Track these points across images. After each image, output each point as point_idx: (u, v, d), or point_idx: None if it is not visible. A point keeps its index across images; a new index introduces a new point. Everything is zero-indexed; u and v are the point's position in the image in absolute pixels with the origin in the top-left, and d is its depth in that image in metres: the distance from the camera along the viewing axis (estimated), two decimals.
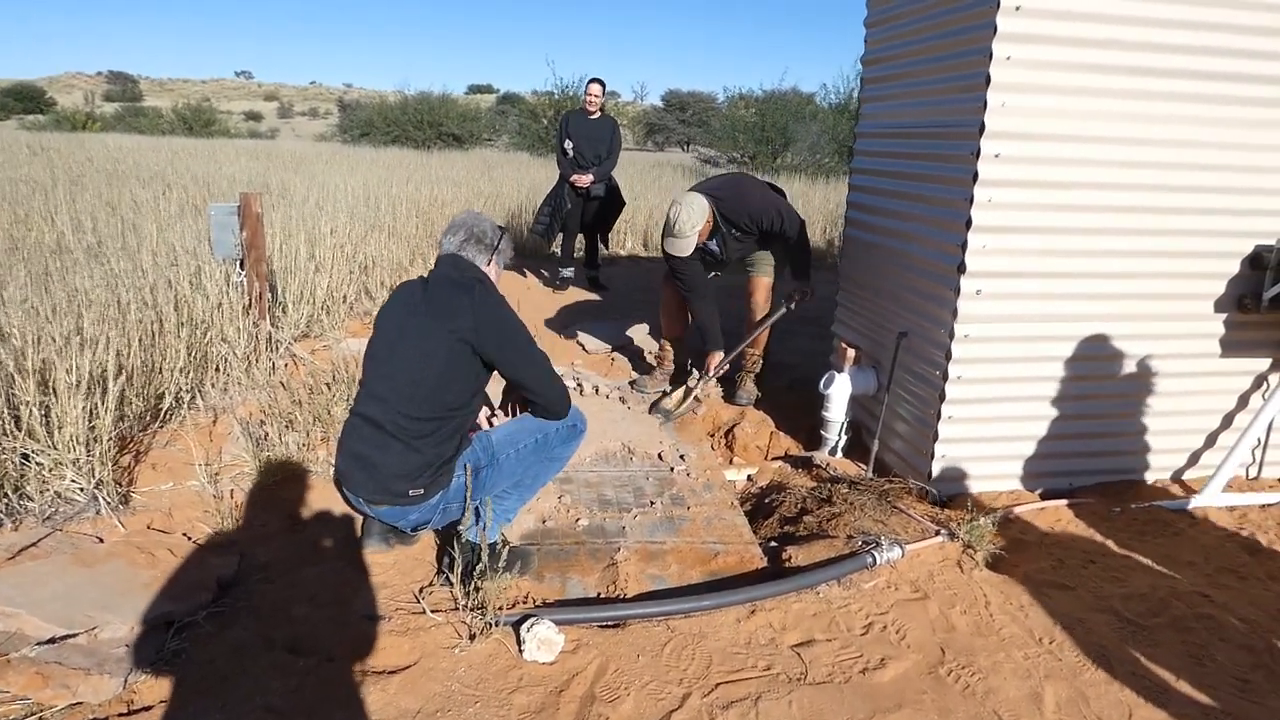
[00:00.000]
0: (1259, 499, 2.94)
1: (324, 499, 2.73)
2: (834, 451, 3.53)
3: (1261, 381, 3.09)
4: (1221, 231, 2.84)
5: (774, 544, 2.70)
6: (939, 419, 2.91)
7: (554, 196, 6.27)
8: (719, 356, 3.92)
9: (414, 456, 2.10)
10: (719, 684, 1.94)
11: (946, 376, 2.86)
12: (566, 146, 6.09)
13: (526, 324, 2.27)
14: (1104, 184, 2.71)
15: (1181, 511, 2.86)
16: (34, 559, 2.19)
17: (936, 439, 2.94)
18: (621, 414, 3.81)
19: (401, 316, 2.18)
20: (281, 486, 2.79)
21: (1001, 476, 3.05)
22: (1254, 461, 3.19)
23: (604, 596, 2.37)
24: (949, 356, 2.83)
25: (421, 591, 2.25)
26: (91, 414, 2.66)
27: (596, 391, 4.06)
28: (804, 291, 3.77)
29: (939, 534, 2.61)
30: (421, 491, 2.13)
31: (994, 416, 2.94)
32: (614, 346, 4.85)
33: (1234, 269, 2.90)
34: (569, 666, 1.97)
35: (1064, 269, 2.79)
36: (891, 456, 3.33)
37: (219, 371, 3.52)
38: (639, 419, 3.76)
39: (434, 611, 2.14)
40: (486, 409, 2.51)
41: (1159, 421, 3.06)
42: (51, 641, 1.86)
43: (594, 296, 6.26)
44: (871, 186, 3.52)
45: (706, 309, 3.91)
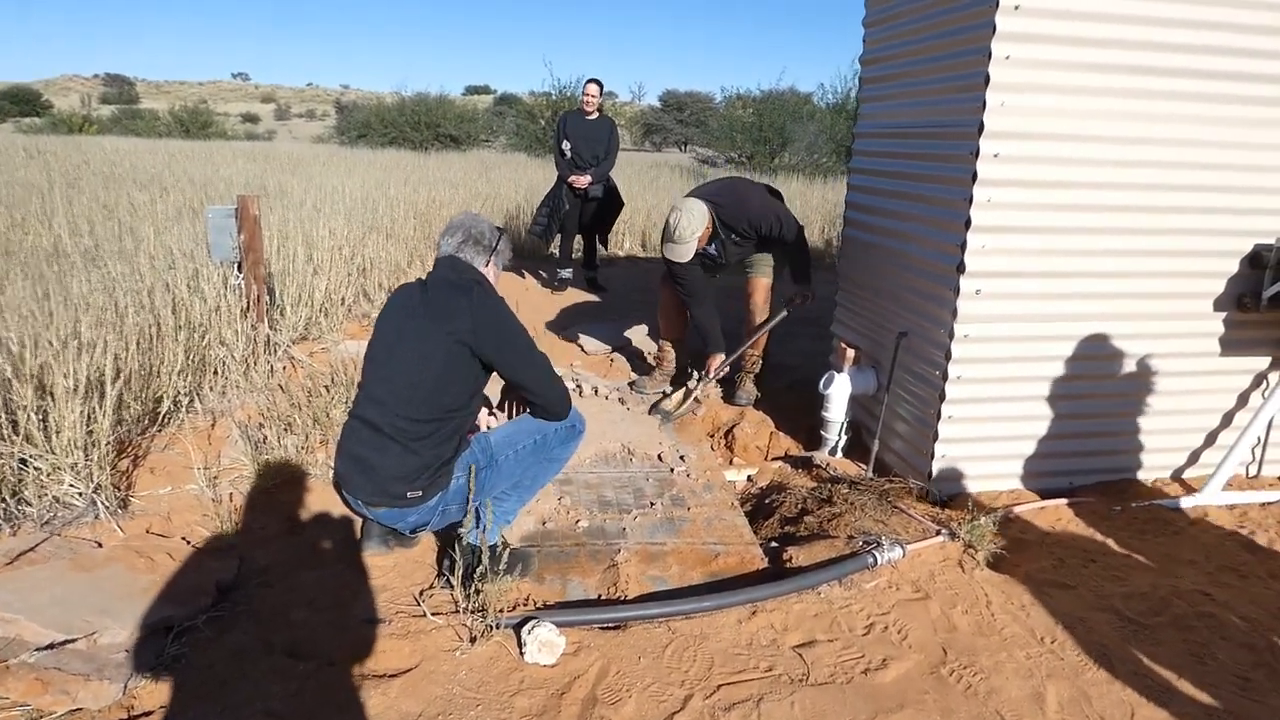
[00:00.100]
0: (1259, 497, 2.94)
1: (323, 502, 2.72)
2: (834, 451, 3.53)
3: (1261, 380, 3.10)
4: (1221, 230, 2.85)
5: (775, 544, 2.70)
6: (939, 419, 2.91)
7: (552, 197, 6.26)
8: (719, 358, 3.93)
9: (412, 458, 2.10)
10: (721, 685, 1.93)
11: (946, 376, 2.86)
12: (564, 147, 6.08)
13: (525, 325, 2.26)
14: (1103, 183, 2.71)
15: (1182, 510, 2.86)
16: (32, 564, 2.18)
17: (936, 439, 2.94)
18: (621, 415, 3.81)
19: (400, 319, 2.18)
20: (280, 489, 2.78)
21: (1002, 476, 3.05)
22: (1254, 460, 3.19)
23: (605, 598, 2.37)
24: (949, 356, 2.83)
25: (422, 594, 2.24)
26: (89, 418, 2.64)
27: (596, 393, 4.05)
28: (804, 295, 3.79)
29: (940, 534, 2.61)
30: (420, 493, 2.13)
31: (994, 416, 2.94)
32: (613, 347, 4.84)
33: (1233, 268, 2.90)
34: (570, 669, 1.97)
35: (1064, 268, 2.79)
36: (891, 456, 3.32)
37: (217, 375, 3.50)
38: (638, 420, 3.76)
39: (434, 614, 2.13)
40: (485, 410, 2.50)
41: (1159, 420, 3.06)
42: (50, 647, 1.85)
43: (592, 297, 6.25)
44: (870, 186, 3.52)
45: (706, 312, 3.92)
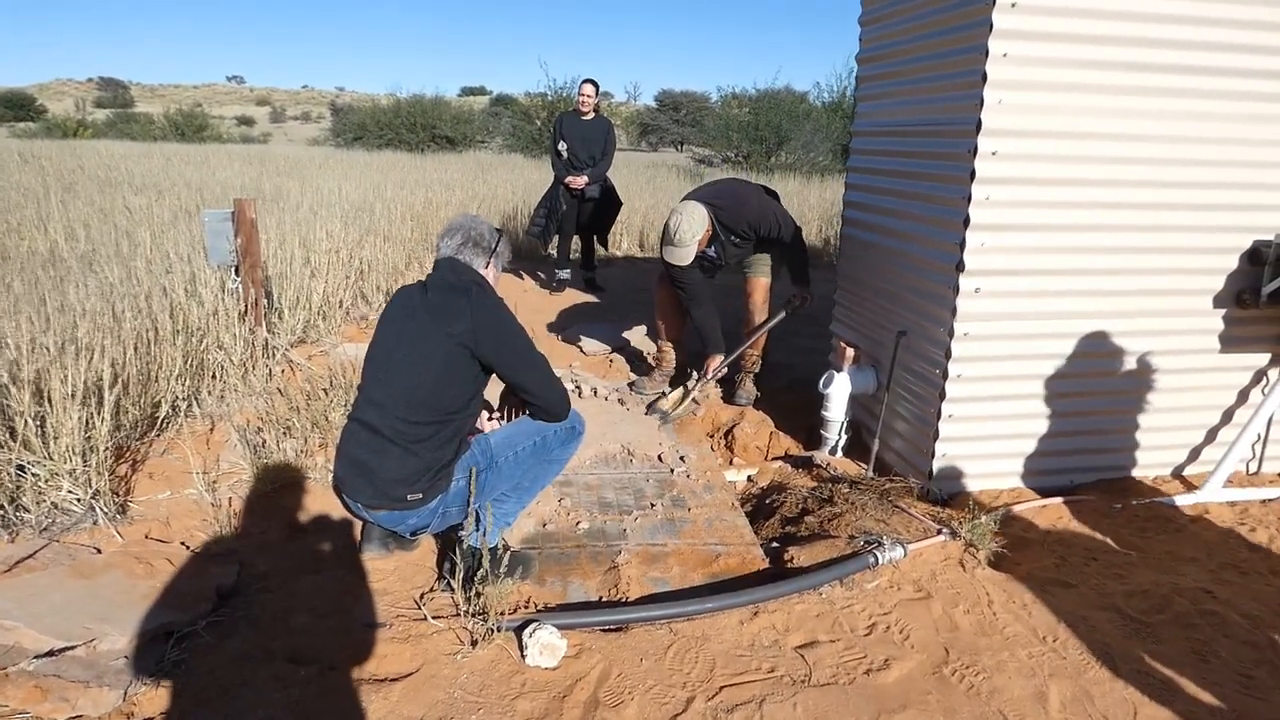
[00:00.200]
0: (1260, 494, 2.94)
1: (323, 505, 2.71)
2: (834, 451, 3.53)
3: (1261, 376, 3.10)
4: (1220, 227, 2.84)
5: (775, 545, 2.69)
6: (939, 417, 2.91)
7: (549, 198, 6.25)
8: (719, 359, 3.94)
9: (412, 461, 2.09)
10: (723, 687, 1.93)
11: (946, 375, 2.85)
12: (561, 148, 6.08)
13: (523, 326, 2.26)
14: (1102, 180, 2.71)
15: (1182, 507, 2.86)
16: (31, 571, 2.17)
17: (937, 437, 2.94)
18: (620, 416, 3.80)
19: (400, 321, 2.17)
20: (280, 493, 2.77)
21: (1002, 474, 3.04)
22: (1254, 456, 3.19)
23: (606, 600, 2.36)
24: (949, 355, 2.83)
25: (422, 598, 2.24)
26: (87, 424, 2.63)
27: (595, 393, 4.05)
28: (803, 297, 3.82)
29: (941, 533, 2.60)
30: (420, 496, 2.12)
31: (994, 414, 2.94)
32: (612, 348, 4.83)
33: (1233, 264, 2.90)
34: (572, 671, 1.96)
35: (1063, 266, 2.79)
36: (892, 455, 3.32)
37: (215, 379, 3.50)
38: (638, 421, 3.75)
39: (435, 618, 2.12)
40: (486, 412, 2.50)
41: (1159, 418, 3.06)
42: (50, 654, 1.84)
43: (591, 298, 6.25)
44: (869, 185, 3.52)
45: (706, 313, 3.93)
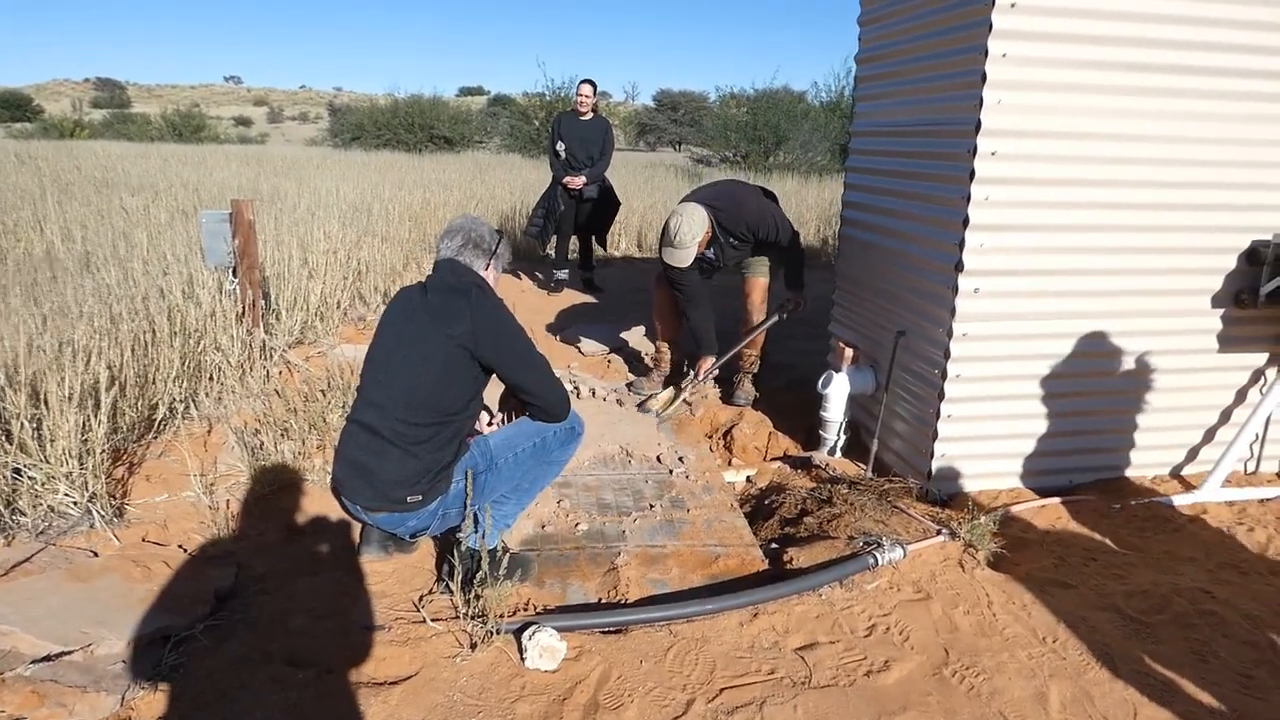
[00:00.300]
0: (1258, 493, 2.94)
1: (321, 507, 2.71)
2: (833, 451, 3.53)
3: (1259, 376, 3.10)
4: (1219, 227, 2.84)
5: (775, 546, 2.69)
6: (938, 418, 2.90)
7: (547, 199, 6.25)
8: (710, 360, 3.96)
9: (412, 462, 2.08)
10: (723, 689, 1.92)
11: (945, 375, 2.85)
12: (559, 148, 6.07)
13: (522, 327, 2.25)
14: (1101, 180, 2.71)
15: (1181, 507, 2.86)
16: (28, 575, 2.16)
17: (936, 438, 2.93)
18: (619, 416, 3.80)
19: (400, 323, 2.17)
20: (278, 495, 2.76)
21: (1001, 475, 3.04)
22: (1252, 456, 3.19)
23: (605, 602, 2.35)
24: (948, 355, 2.83)
25: (421, 600, 2.23)
26: (84, 426, 2.62)
27: (594, 394, 4.04)
28: (796, 301, 3.86)
29: (940, 533, 2.60)
30: (420, 498, 2.11)
31: (993, 415, 2.93)
32: (610, 348, 4.83)
33: (1231, 264, 2.90)
34: (572, 674, 1.96)
35: (1062, 266, 2.79)
36: (891, 456, 3.32)
37: (213, 380, 3.48)
38: (637, 421, 3.75)
39: (434, 620, 2.12)
40: (485, 414, 2.49)
41: (1158, 418, 3.06)
42: (47, 659, 1.83)
43: (589, 299, 6.25)
44: (867, 185, 3.52)
45: (703, 315, 3.95)
